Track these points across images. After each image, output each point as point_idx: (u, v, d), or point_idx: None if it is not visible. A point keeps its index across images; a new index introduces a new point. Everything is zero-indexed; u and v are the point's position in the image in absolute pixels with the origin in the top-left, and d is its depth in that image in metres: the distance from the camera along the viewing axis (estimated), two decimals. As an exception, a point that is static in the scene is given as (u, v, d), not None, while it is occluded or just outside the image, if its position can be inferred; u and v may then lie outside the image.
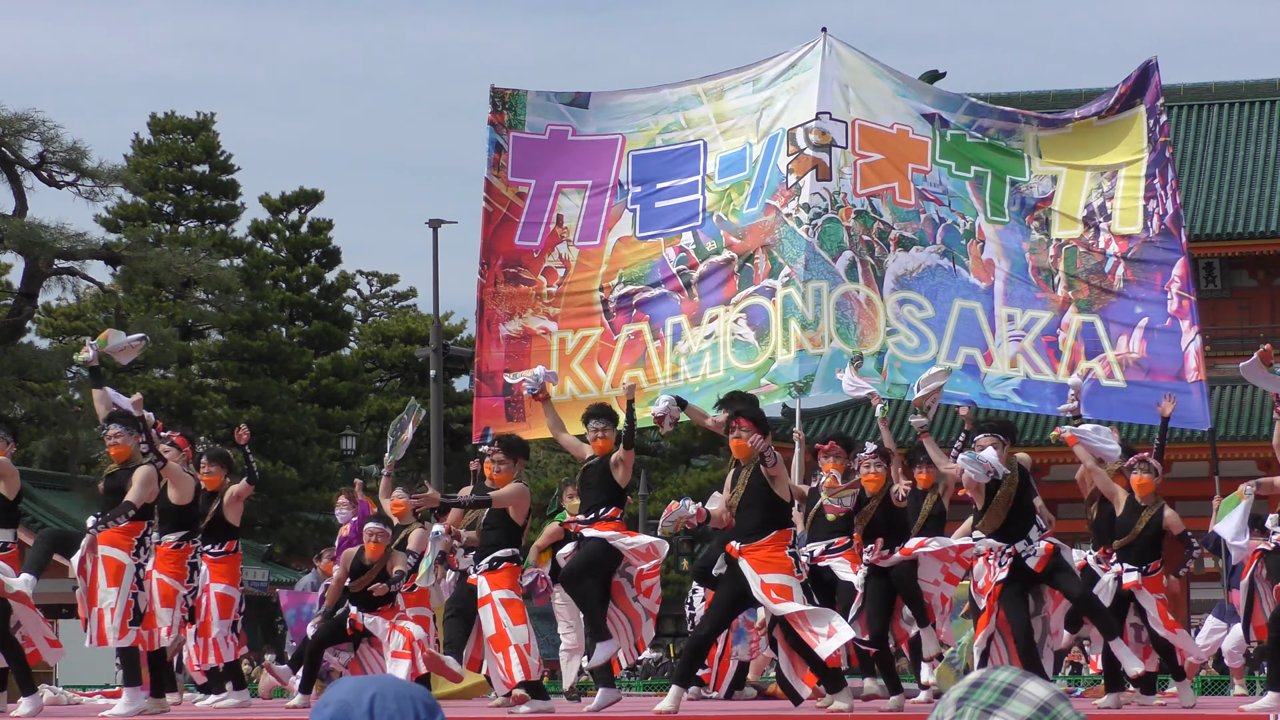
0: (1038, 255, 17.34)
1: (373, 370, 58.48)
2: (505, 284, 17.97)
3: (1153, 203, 17.17)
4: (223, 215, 52.59)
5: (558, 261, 17.93)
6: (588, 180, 18.07)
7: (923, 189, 17.42)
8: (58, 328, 51.96)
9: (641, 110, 18.14)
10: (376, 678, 3.28)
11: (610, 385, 17.53)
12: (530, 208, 18.06)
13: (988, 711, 2.48)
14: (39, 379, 43.90)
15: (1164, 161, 17.29)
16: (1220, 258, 44.98)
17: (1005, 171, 17.49)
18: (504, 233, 18.05)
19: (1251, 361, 13.28)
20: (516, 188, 18.08)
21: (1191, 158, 45.85)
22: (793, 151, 17.41)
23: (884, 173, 17.44)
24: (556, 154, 18.10)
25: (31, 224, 40.11)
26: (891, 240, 17.21)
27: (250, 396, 49.50)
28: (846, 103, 17.50)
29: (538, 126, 18.15)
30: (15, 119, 39.86)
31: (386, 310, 64.00)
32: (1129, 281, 17.16)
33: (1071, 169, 17.47)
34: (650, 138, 18.01)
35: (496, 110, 18.18)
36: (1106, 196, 17.33)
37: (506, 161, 18.09)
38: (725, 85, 18.07)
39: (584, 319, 17.83)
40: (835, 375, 16.18)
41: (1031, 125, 17.71)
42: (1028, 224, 17.45)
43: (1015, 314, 17.24)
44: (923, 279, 17.04)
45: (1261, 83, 47.45)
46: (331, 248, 55.85)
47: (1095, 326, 17.15)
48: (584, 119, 18.15)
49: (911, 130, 17.61)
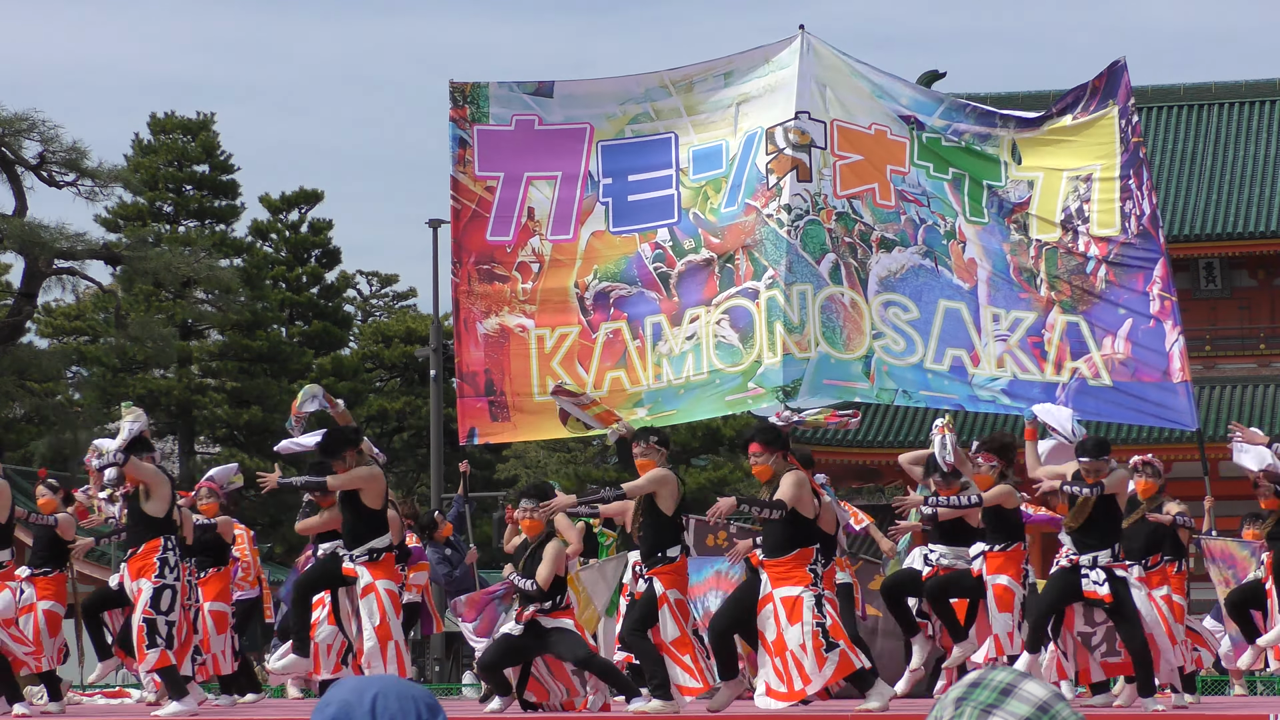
0: (1018, 256, 17.31)
1: (373, 370, 58.45)
2: (480, 282, 17.88)
3: (1129, 204, 17.14)
4: (223, 215, 52.61)
5: (531, 256, 17.83)
6: (557, 171, 17.94)
7: (902, 190, 17.36)
8: (58, 328, 51.93)
9: (608, 99, 18.00)
10: (379, 677, 3.29)
11: (593, 385, 17.48)
12: (500, 201, 17.95)
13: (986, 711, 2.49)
14: (39, 379, 43.93)
15: (1138, 162, 17.23)
16: (1220, 258, 44.96)
17: (981, 176, 17.45)
18: (474, 229, 17.96)
19: None
20: (484, 182, 17.97)
21: (1191, 158, 45.83)
22: (772, 151, 17.31)
23: (863, 174, 17.38)
24: (524, 144, 17.98)
25: (31, 224, 40.14)
26: (873, 242, 17.16)
27: (250, 396, 49.48)
28: (824, 102, 17.42)
29: (502, 118, 18.04)
30: (15, 119, 39.91)
31: (386, 310, 63.98)
32: (1111, 283, 17.13)
33: (1049, 173, 17.44)
34: (619, 127, 17.86)
35: (457, 105, 18.08)
36: (1083, 199, 17.28)
37: (472, 156, 17.99)
38: (694, 77, 17.94)
39: (561, 315, 17.74)
40: (823, 381, 16.15)
41: (1009, 128, 17.64)
42: (1007, 225, 17.41)
43: (1000, 314, 17.20)
44: (906, 280, 16.98)
45: (1261, 83, 47.43)
46: (331, 248, 55.85)
47: (1080, 327, 17.13)
48: (549, 108, 18.03)
49: (890, 131, 17.55)
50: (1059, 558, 13.21)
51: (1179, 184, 44.93)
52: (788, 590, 12.59)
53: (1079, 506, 12.98)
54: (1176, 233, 43.39)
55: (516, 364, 17.64)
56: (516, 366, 17.76)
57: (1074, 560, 12.89)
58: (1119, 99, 17.24)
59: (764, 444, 12.91)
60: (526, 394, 17.76)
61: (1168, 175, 45.17)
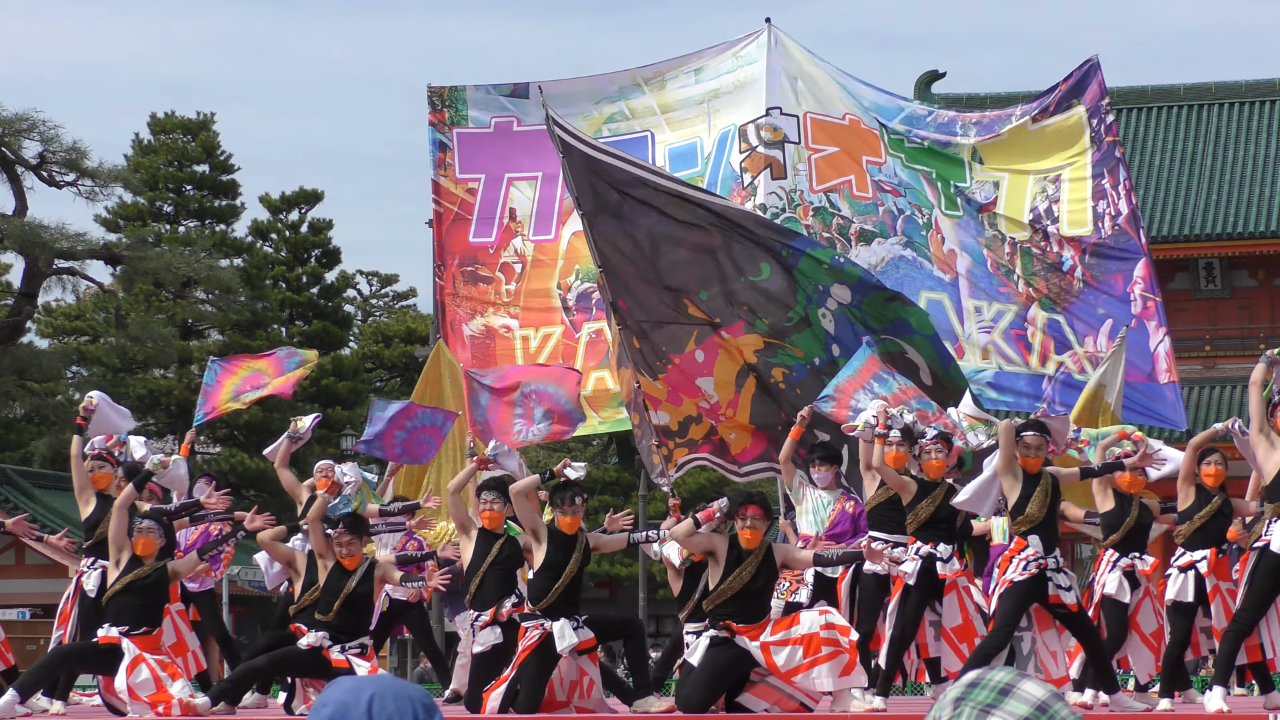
0: (994, 252, 17.24)
1: (373, 370, 58.43)
2: (464, 284, 17.91)
3: (1102, 203, 17.02)
4: (223, 215, 52.58)
5: (514, 257, 17.84)
6: (538, 171, 17.94)
7: (879, 180, 17.27)
8: (58, 328, 51.92)
9: (583, 98, 18.00)
10: (375, 678, 3.27)
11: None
12: (482, 202, 17.97)
13: (985, 711, 2.48)
14: (39, 379, 43.91)
15: (1113, 161, 17.09)
16: (1220, 258, 44.91)
17: (948, 176, 17.39)
18: (457, 232, 17.99)
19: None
20: (466, 184, 18.00)
21: (1191, 158, 45.79)
22: (745, 149, 17.26)
23: (839, 165, 17.29)
24: (503, 146, 18.01)
25: (31, 224, 40.12)
26: (852, 235, 17.08)
27: (250, 396, 49.46)
28: (796, 95, 17.35)
29: (481, 120, 18.06)
30: (15, 119, 39.89)
31: (386, 310, 63.95)
32: (1088, 283, 17.05)
33: (1013, 174, 17.35)
34: (595, 127, 17.85)
35: (436, 109, 18.11)
36: (1052, 200, 17.18)
37: (453, 159, 18.01)
38: (665, 75, 17.93)
39: (544, 316, 17.75)
40: None
41: (968, 135, 17.53)
42: (981, 220, 17.34)
43: (982, 306, 17.13)
44: (888, 272, 16.88)
45: (1261, 83, 47.38)
46: (331, 248, 55.81)
47: (1060, 324, 17.07)
48: (526, 109, 18.04)
49: (862, 121, 17.50)
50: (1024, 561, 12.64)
51: (1179, 184, 44.88)
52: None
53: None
54: (1177, 233, 43.36)
55: (503, 364, 17.64)
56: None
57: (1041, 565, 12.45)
58: (1087, 99, 17.11)
59: (761, 508, 12.78)
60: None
61: (1168, 175, 45.14)
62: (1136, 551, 13.71)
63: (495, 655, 13.13)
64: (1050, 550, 12.45)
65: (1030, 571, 12.37)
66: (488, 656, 13.17)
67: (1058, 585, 12.40)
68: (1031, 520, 12.46)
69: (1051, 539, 12.50)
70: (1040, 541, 12.43)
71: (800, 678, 12.13)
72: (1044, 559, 12.38)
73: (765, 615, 12.39)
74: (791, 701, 12.40)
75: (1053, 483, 12.56)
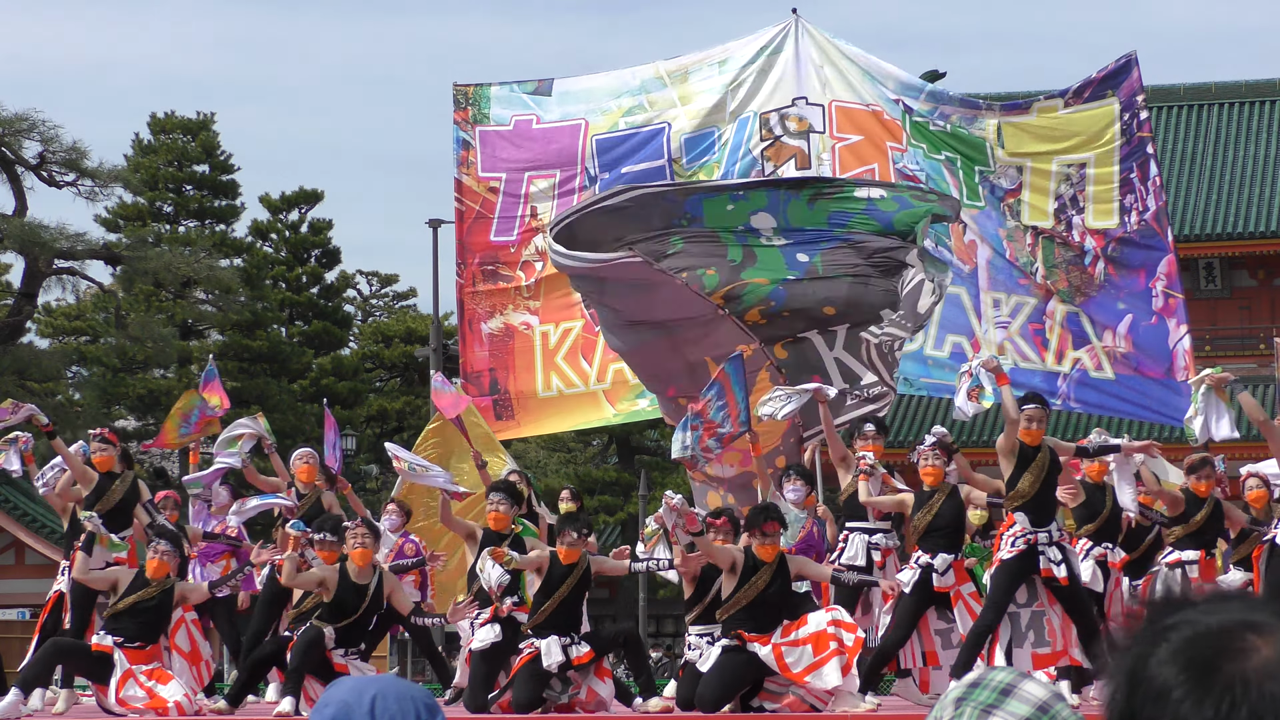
0: (1014, 243, 17.26)
1: (373, 370, 58.42)
2: (484, 282, 17.93)
3: (1130, 198, 17.03)
4: (223, 215, 52.56)
5: (534, 255, 17.87)
6: (556, 170, 18.00)
7: (901, 168, 17.32)
8: (58, 328, 51.89)
9: (603, 93, 18.05)
10: (378, 677, 3.28)
11: (595, 379, 17.49)
12: (504, 202, 18.01)
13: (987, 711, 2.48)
14: (39, 379, 43.91)
15: (1143, 157, 17.09)
16: (1220, 258, 44.96)
17: (972, 161, 17.40)
18: (478, 230, 18.02)
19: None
20: (488, 183, 18.03)
21: (1191, 158, 45.82)
22: (767, 138, 17.30)
23: (863, 154, 17.34)
24: (522, 144, 18.05)
25: (31, 224, 40.13)
26: None
27: (250, 396, 49.42)
28: (822, 83, 17.40)
29: (502, 119, 18.10)
30: (15, 119, 39.90)
31: (386, 310, 63.93)
32: (1110, 277, 17.06)
33: (1037, 159, 17.36)
34: (613, 121, 17.89)
35: (460, 107, 18.13)
36: (1077, 189, 17.19)
37: (475, 158, 18.04)
38: (689, 67, 17.96)
39: (564, 312, 17.77)
40: None
41: (994, 111, 17.60)
42: (1002, 211, 17.36)
43: (1000, 299, 17.15)
44: None
45: (1261, 83, 47.42)
46: (331, 248, 55.81)
47: (1080, 318, 17.09)
48: (547, 106, 18.09)
49: (885, 111, 17.55)
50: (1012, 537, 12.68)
51: (1179, 184, 44.91)
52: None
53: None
54: (1177, 232, 43.24)
55: (521, 361, 17.69)
56: (521, 363, 17.82)
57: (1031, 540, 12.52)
58: (1122, 92, 17.12)
59: (778, 522, 12.93)
60: (531, 391, 17.81)
61: (1168, 175, 45.16)
62: (1109, 542, 13.86)
63: (494, 652, 13.20)
64: (1043, 525, 12.54)
65: (1019, 548, 12.52)
66: (487, 653, 13.23)
67: (1049, 559, 12.48)
68: (1023, 496, 12.60)
69: (1044, 513, 12.58)
70: (1030, 516, 12.52)
71: (811, 677, 12.25)
72: (1033, 534, 12.48)
73: (776, 625, 12.52)
74: (802, 704, 12.56)
75: (1050, 457, 12.67)
